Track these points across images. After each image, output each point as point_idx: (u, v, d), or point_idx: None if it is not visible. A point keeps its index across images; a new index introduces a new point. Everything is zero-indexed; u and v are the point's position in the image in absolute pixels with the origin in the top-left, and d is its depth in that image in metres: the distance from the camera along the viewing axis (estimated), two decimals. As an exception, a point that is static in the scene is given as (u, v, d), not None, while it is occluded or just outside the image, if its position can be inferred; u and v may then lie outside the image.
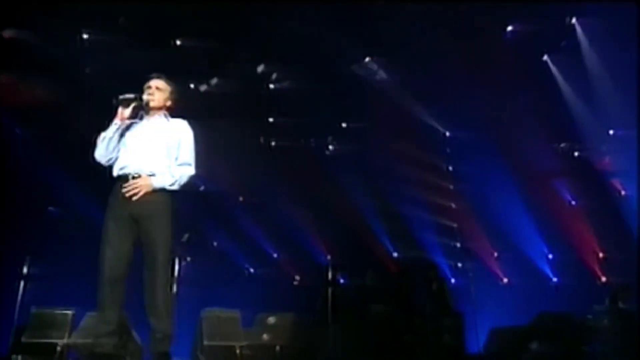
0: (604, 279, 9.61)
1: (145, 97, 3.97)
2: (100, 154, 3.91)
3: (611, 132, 9.59)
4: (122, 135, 3.90)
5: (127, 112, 3.90)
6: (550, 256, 10.09)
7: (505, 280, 10.01)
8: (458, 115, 9.92)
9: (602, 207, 9.69)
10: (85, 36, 8.22)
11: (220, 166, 8.92)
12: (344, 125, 10.43)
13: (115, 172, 3.91)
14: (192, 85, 9.25)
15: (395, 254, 10.39)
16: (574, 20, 8.03)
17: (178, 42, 8.63)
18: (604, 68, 8.30)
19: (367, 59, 9.47)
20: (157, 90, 4.05)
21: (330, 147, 10.70)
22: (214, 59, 9.17)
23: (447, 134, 10.59)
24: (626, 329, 5.84)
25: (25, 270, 6.47)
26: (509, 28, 8.35)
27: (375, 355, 5.93)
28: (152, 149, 3.91)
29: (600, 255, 9.81)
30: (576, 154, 10.05)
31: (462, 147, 10.32)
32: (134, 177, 3.83)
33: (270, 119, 10.19)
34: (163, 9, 7.98)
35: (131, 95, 3.94)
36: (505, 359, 5.81)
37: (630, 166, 9.39)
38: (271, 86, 9.67)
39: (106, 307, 3.71)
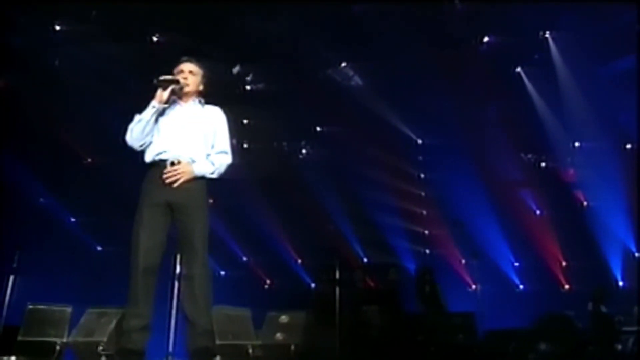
0: (567, 286, 9.90)
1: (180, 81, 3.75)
2: (135, 138, 3.64)
3: (577, 144, 9.90)
4: (156, 119, 3.69)
5: (166, 94, 3.68)
6: (516, 264, 10.34)
7: (474, 286, 10.19)
8: (431, 123, 10.08)
9: (565, 217, 9.99)
10: (57, 28, 8.03)
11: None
12: (318, 129, 10.46)
13: (149, 158, 3.66)
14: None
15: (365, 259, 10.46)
16: (547, 34, 8.28)
17: (154, 39, 8.51)
18: (574, 82, 8.57)
19: (343, 64, 9.54)
20: (191, 74, 3.84)
21: (304, 150, 10.71)
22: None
23: (420, 141, 10.74)
24: (608, 330, 6.03)
25: (15, 265, 6.08)
26: (485, 39, 8.53)
27: (389, 354, 5.86)
28: (190, 135, 3.71)
29: (563, 263, 10.11)
30: (543, 164, 10.35)
31: (434, 155, 10.49)
32: (172, 163, 3.62)
33: (245, 121, 10.11)
34: (140, 5, 7.85)
35: (171, 77, 3.72)
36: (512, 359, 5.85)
37: (593, 178, 9.77)
38: (247, 87, 9.61)
39: (140, 299, 3.43)
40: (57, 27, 7.98)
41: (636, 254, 9.45)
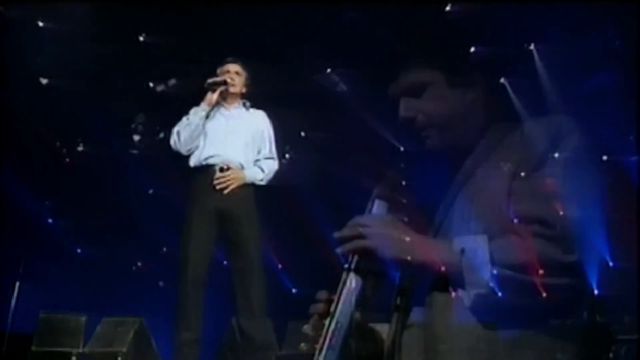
0: (544, 294, 10.06)
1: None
2: (184, 142, 3.54)
3: (555, 155, 10.09)
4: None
5: (215, 97, 3.58)
6: (494, 271, 10.46)
7: (453, 294, 10.28)
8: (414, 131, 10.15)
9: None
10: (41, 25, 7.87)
11: (173, 171, 8.69)
12: (302, 134, 10.45)
13: (196, 162, 3.56)
14: (150, 84, 8.98)
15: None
16: (532, 46, 8.46)
17: (141, 38, 8.41)
18: (557, 93, 8.76)
19: (328, 70, 9.57)
20: (237, 75, 3.79)
21: (287, 155, 10.65)
22: (174, 60, 8.97)
23: (402, 149, 10.79)
24: (605, 340, 6.14)
25: (21, 270, 5.85)
26: (471, 50, 8.63)
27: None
28: (238, 140, 3.63)
29: (540, 271, 10.27)
30: (522, 174, 10.50)
31: (416, 162, 10.57)
32: (222, 169, 3.50)
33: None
34: (129, 6, 7.77)
35: (219, 79, 3.63)
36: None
37: (570, 188, 9.99)
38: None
39: (190, 312, 3.32)
40: (41, 24, 7.84)
41: (610, 263, 9.68)
